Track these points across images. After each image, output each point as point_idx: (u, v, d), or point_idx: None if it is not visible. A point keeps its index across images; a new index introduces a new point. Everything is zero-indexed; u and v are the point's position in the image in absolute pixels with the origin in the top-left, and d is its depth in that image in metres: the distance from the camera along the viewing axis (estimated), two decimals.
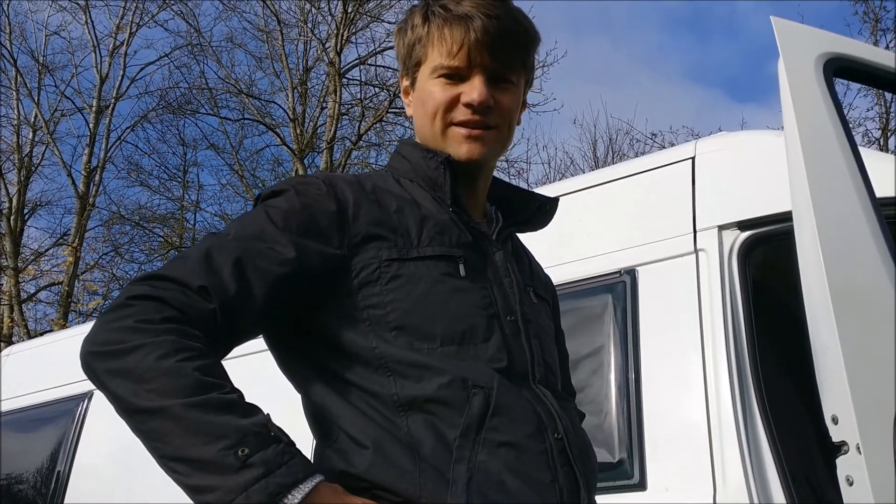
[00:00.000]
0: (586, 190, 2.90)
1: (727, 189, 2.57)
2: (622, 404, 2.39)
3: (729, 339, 2.31)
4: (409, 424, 1.18)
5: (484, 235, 1.37)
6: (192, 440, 1.04)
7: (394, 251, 1.25)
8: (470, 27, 1.31)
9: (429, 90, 1.36)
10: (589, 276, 2.65)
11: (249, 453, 1.04)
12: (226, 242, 1.21)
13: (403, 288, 1.24)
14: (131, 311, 1.12)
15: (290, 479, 1.05)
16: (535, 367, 1.30)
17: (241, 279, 1.17)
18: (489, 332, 1.26)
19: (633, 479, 2.27)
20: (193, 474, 1.04)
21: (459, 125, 1.35)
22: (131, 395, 1.07)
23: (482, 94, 1.32)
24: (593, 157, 15.70)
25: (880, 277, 1.72)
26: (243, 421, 1.07)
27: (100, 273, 17.40)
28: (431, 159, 1.36)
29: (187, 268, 1.17)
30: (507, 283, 1.34)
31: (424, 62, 1.37)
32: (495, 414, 1.19)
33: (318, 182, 1.30)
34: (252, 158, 16.92)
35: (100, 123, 16.50)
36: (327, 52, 15.13)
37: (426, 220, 1.30)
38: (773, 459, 2.13)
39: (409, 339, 1.21)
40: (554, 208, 1.51)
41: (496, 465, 1.16)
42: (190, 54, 16.67)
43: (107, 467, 3.81)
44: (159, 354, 1.07)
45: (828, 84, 1.86)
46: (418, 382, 1.19)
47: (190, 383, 1.07)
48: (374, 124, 14.92)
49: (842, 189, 1.79)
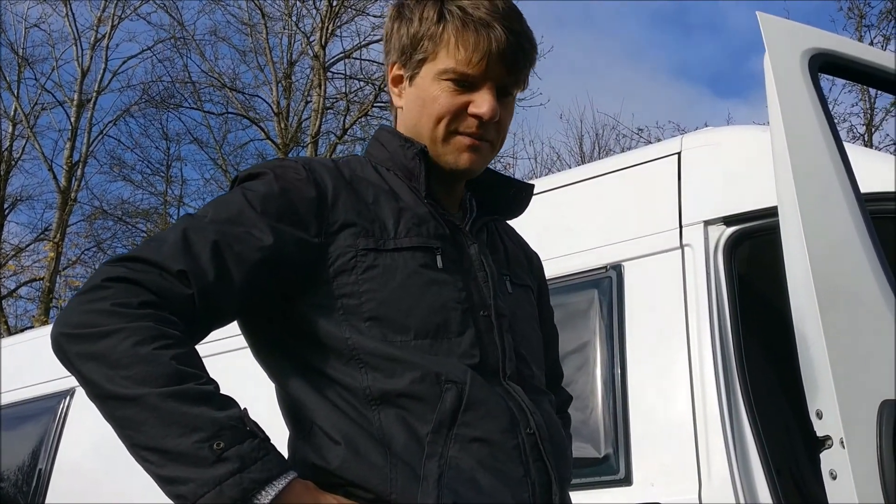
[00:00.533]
0: (572, 185, 2.90)
1: (713, 184, 2.57)
2: (608, 400, 2.40)
3: (714, 334, 2.32)
4: (380, 419, 1.17)
5: (459, 228, 1.36)
6: (167, 430, 1.03)
7: (371, 241, 1.24)
8: (492, 37, 1.28)
9: (434, 93, 1.32)
10: (575, 272, 2.65)
11: (225, 447, 1.03)
12: (203, 225, 1.18)
13: (379, 278, 1.22)
14: (107, 293, 1.10)
15: (265, 475, 1.05)
16: (507, 363, 1.29)
17: (219, 264, 1.15)
18: (463, 327, 1.25)
19: (619, 475, 2.28)
20: (166, 465, 1.03)
21: (463, 135, 1.33)
22: (105, 380, 1.05)
23: (493, 109, 1.30)
24: (580, 152, 15.76)
25: (865, 272, 1.73)
26: (219, 413, 1.06)
27: (82, 269, 17.25)
28: (408, 149, 1.35)
29: (165, 251, 1.14)
30: (480, 276, 1.33)
31: (432, 61, 1.32)
32: (468, 409, 1.18)
33: (296, 166, 1.28)
34: (236, 153, 16.86)
35: (81, 117, 16.39)
36: (312, 46, 15.07)
37: (403, 211, 1.29)
38: (759, 454, 2.14)
39: (383, 331, 1.21)
40: (529, 194, 1.49)
41: (468, 461, 1.16)
42: (173, 47, 16.59)
43: (89, 465, 3.78)
44: (136, 340, 1.06)
45: (813, 80, 1.86)
46: (391, 377, 1.18)
47: (167, 372, 1.05)
48: (359, 118, 14.89)
49: (827, 184, 1.80)
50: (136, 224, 17.66)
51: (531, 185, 1.50)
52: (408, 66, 1.36)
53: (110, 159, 17.37)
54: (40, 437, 3.96)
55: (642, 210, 2.68)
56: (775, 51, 1.84)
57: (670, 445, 2.25)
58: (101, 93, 16.68)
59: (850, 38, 2.08)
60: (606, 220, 2.75)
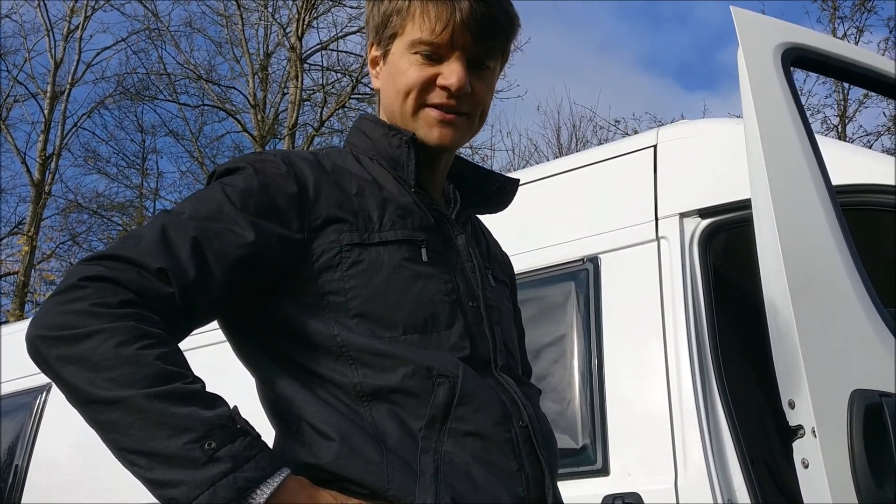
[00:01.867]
0: (549, 178, 2.91)
1: (688, 177, 2.59)
2: (585, 391, 2.41)
3: (690, 325, 2.34)
4: (372, 415, 1.15)
5: (445, 218, 1.33)
6: (155, 433, 1.00)
7: (355, 235, 1.22)
8: (456, 7, 1.26)
9: (403, 67, 1.30)
10: (552, 264, 2.67)
11: (216, 447, 1.01)
12: (182, 222, 1.15)
13: (365, 274, 1.20)
14: (85, 293, 1.06)
15: (259, 473, 1.03)
16: (497, 354, 1.28)
17: (199, 262, 1.12)
18: (452, 319, 1.23)
19: (596, 465, 2.30)
20: (156, 468, 1.00)
21: (433, 107, 1.30)
22: (87, 383, 1.01)
23: (461, 78, 1.27)
24: (557, 143, 15.77)
25: (835, 264, 1.75)
26: (208, 413, 1.03)
27: (57, 262, 17.10)
28: (394, 137, 1.32)
29: (143, 248, 1.10)
30: (468, 267, 1.31)
31: (401, 35, 1.30)
32: (461, 403, 1.17)
33: (276, 161, 1.25)
34: (212, 145, 16.72)
35: (55, 109, 16.16)
36: (288, 37, 14.97)
37: (388, 202, 1.27)
38: (734, 444, 2.17)
39: (371, 327, 1.19)
40: (514, 189, 1.47)
41: (462, 456, 1.15)
42: (148, 39, 16.41)
43: (66, 461, 3.75)
44: (118, 341, 1.02)
45: (786, 74, 1.88)
46: (382, 372, 1.17)
47: (152, 372, 1.02)
48: (336, 110, 14.81)
49: (799, 177, 1.82)
50: (111, 217, 17.49)
51: (516, 179, 1.48)
52: (381, 43, 1.34)
53: (85, 152, 17.19)
54: (17, 434, 3.92)
55: (619, 202, 2.69)
56: (748, 45, 1.86)
57: (647, 436, 2.27)
58: (75, 85, 16.46)
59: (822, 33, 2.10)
60: (583, 212, 2.77)
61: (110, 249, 1.12)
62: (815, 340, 1.65)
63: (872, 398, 1.60)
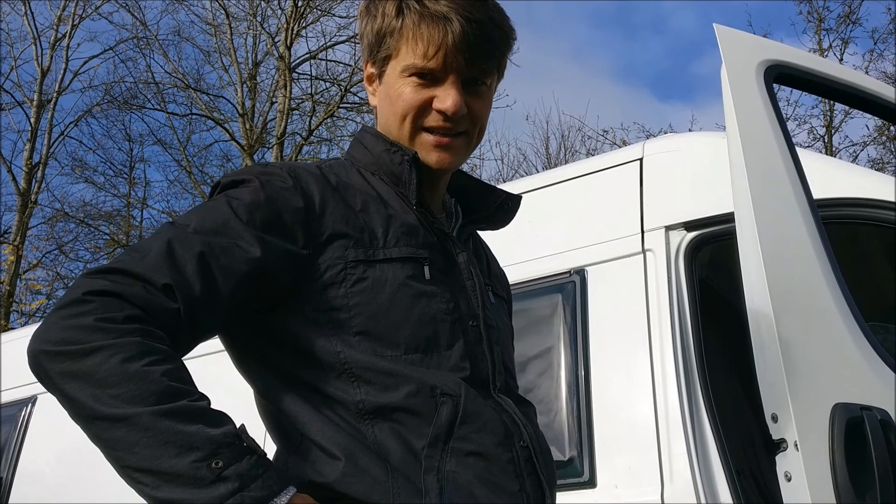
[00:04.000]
0: (536, 190, 2.93)
1: (674, 190, 2.61)
2: (572, 403, 2.42)
3: (676, 337, 2.35)
4: (375, 433, 1.15)
5: (447, 236, 1.33)
6: (162, 451, 0.99)
7: (360, 252, 1.21)
8: (448, 30, 1.25)
9: (399, 90, 1.30)
10: (539, 276, 2.68)
11: (223, 466, 1.00)
12: (188, 236, 1.13)
13: (369, 291, 1.20)
14: (89, 307, 1.04)
15: (265, 492, 1.02)
16: (496, 375, 1.28)
17: (205, 277, 1.10)
18: (453, 339, 1.23)
19: (583, 477, 2.30)
20: (162, 486, 0.99)
21: (429, 131, 1.30)
22: (91, 400, 1.00)
23: (456, 102, 1.27)
24: (546, 153, 15.83)
25: (817, 277, 1.77)
26: (215, 431, 1.02)
27: (43, 272, 16.99)
28: (395, 153, 1.31)
29: (149, 263, 1.09)
30: (469, 286, 1.31)
31: (395, 58, 1.30)
32: (463, 422, 1.17)
33: (282, 174, 1.24)
34: (200, 154, 16.70)
35: (41, 118, 16.08)
36: (277, 47, 14.97)
37: (392, 219, 1.26)
38: (719, 456, 2.18)
39: (373, 346, 1.18)
40: (516, 206, 1.47)
41: (465, 475, 1.15)
42: (136, 48, 16.37)
43: (51, 473, 3.73)
44: (124, 357, 1.01)
45: (768, 90, 1.91)
46: (385, 390, 1.16)
47: (158, 389, 1.01)
48: (324, 119, 14.83)
49: (781, 191, 1.84)
50: (98, 227, 17.41)
51: (519, 196, 1.47)
52: (376, 63, 1.34)
53: (72, 161, 17.11)
54: (1, 446, 3.90)
55: (605, 215, 2.71)
56: (732, 62, 1.88)
57: (633, 448, 2.28)
58: (62, 93, 16.41)
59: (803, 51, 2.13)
60: (570, 224, 2.78)
61: (115, 263, 1.11)
62: (798, 354, 1.66)
63: (853, 412, 1.62)
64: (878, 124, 12.91)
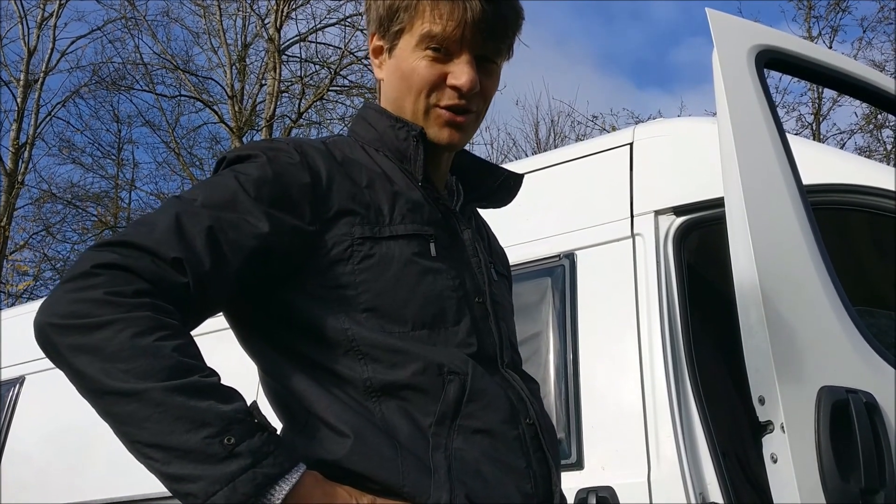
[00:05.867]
0: (526, 175, 2.92)
1: (664, 175, 2.62)
2: (560, 386, 2.44)
3: (664, 322, 2.37)
4: (382, 410, 1.14)
5: (452, 212, 1.32)
6: (174, 426, 0.98)
7: (366, 228, 1.20)
8: (467, 6, 1.24)
9: (412, 64, 1.28)
10: (529, 260, 2.68)
11: (236, 442, 0.99)
12: (196, 210, 1.12)
13: (376, 268, 1.19)
14: (98, 280, 1.02)
15: (277, 469, 1.01)
16: (503, 351, 1.28)
17: (214, 252, 1.09)
18: (459, 316, 1.23)
19: (571, 459, 2.32)
20: (173, 462, 0.98)
21: (443, 108, 1.29)
22: (101, 374, 0.99)
23: (472, 79, 1.27)
24: (535, 138, 15.81)
25: (805, 262, 1.78)
26: (226, 407, 1.01)
27: (30, 253, 16.88)
28: (401, 129, 1.30)
29: (157, 236, 1.07)
30: (474, 262, 1.31)
31: (409, 32, 1.29)
32: (471, 400, 1.17)
33: (289, 149, 1.22)
34: (189, 136, 16.56)
35: (28, 98, 15.92)
36: (266, 28, 14.86)
37: (398, 195, 1.25)
38: (706, 439, 2.20)
39: (381, 322, 1.17)
40: (518, 185, 1.46)
41: (473, 453, 1.15)
42: (124, 28, 16.18)
43: (39, 454, 3.72)
44: (135, 332, 1.00)
45: (759, 75, 1.91)
46: (392, 368, 1.16)
47: (169, 364, 1.00)
48: (314, 102, 14.74)
49: (771, 177, 1.85)
50: (86, 208, 17.30)
51: (521, 175, 1.47)
52: (386, 37, 1.32)
53: (59, 141, 16.95)
54: None
55: (595, 199, 2.72)
56: (723, 47, 1.88)
57: (621, 431, 2.30)
58: (49, 73, 16.23)
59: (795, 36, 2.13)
60: (560, 209, 2.79)
61: (123, 236, 1.09)
62: (785, 338, 1.68)
63: (839, 394, 1.64)
64: (865, 112, 12.96)
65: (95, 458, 3.26)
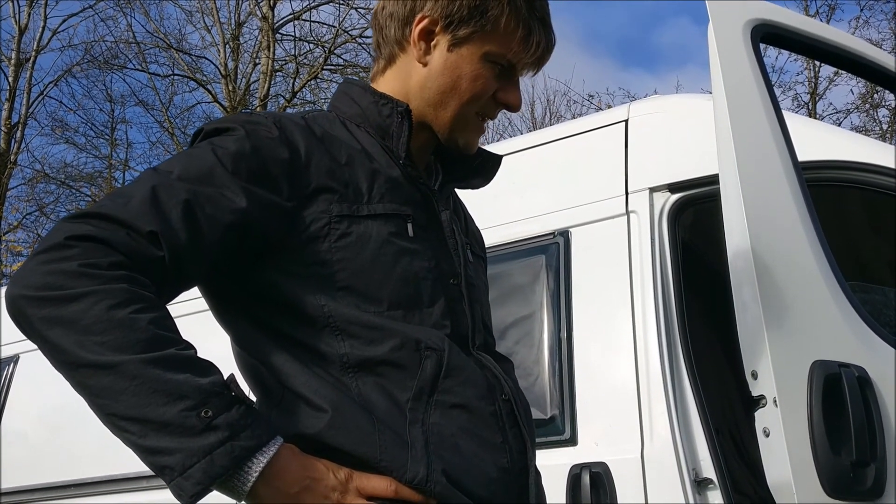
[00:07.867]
0: (521, 152, 2.92)
1: (659, 151, 2.61)
2: (554, 363, 2.44)
3: (658, 298, 2.37)
4: (359, 386, 1.15)
5: (431, 192, 1.32)
6: (150, 399, 0.97)
7: (344, 206, 1.20)
8: (543, 38, 1.33)
9: (477, 72, 1.30)
10: (523, 238, 2.68)
11: (213, 415, 0.99)
12: (171, 182, 1.11)
13: (353, 247, 1.19)
14: (73, 252, 1.01)
15: (254, 441, 1.02)
16: (476, 333, 1.29)
17: (191, 226, 1.08)
18: (434, 297, 1.23)
19: (565, 435, 2.33)
20: (149, 435, 0.98)
21: (485, 118, 1.35)
22: (76, 346, 0.98)
23: (520, 100, 1.36)
24: (531, 117, 15.76)
25: (800, 238, 1.78)
26: (203, 380, 1.01)
27: (24, 233, 16.82)
28: (385, 106, 1.30)
29: (133, 209, 1.06)
30: (451, 244, 1.31)
31: (482, 40, 1.29)
32: (448, 376, 1.18)
33: (267, 123, 1.21)
34: (183, 115, 16.50)
35: (20, 77, 15.80)
36: (260, 7, 14.75)
37: (377, 174, 1.25)
38: (699, 415, 2.21)
39: (356, 301, 1.18)
40: (496, 165, 1.47)
41: (450, 428, 1.16)
42: (116, 6, 16.05)
43: (33, 433, 3.73)
44: (110, 304, 0.99)
45: (755, 50, 1.90)
46: (369, 344, 1.16)
47: (146, 337, 1.00)
48: (308, 81, 14.67)
49: (766, 152, 1.84)
50: (79, 188, 17.23)
51: (499, 156, 1.47)
52: (452, 31, 1.30)
53: (52, 121, 16.85)
54: None
55: (590, 177, 2.71)
56: (719, 20, 1.87)
57: (614, 407, 2.31)
58: (41, 52, 16.10)
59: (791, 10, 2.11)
60: (555, 186, 2.78)
61: (98, 207, 1.08)
62: (779, 313, 1.68)
63: (832, 368, 1.64)
64: (862, 91, 12.94)
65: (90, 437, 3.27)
